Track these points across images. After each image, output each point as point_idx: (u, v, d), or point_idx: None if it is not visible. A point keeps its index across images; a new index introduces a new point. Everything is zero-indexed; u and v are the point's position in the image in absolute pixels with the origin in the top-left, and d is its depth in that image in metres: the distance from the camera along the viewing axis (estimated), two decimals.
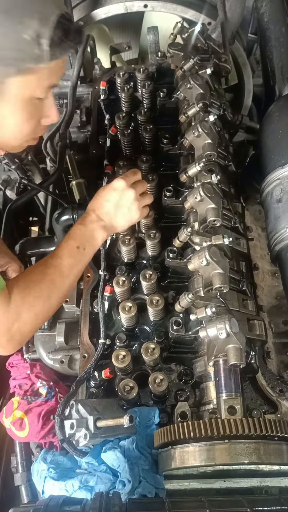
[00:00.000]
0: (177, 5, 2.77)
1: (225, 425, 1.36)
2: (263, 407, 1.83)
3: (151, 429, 1.69)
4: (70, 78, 2.48)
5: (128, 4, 2.79)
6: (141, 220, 2.09)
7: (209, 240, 1.75)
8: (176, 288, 2.00)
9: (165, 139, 2.23)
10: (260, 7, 2.71)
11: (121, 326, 1.95)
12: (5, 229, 2.33)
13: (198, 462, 1.43)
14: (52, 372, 2.00)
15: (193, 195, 1.84)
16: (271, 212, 2.12)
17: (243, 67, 2.94)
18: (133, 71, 2.47)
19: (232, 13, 2.57)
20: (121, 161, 2.24)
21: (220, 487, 1.63)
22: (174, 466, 1.49)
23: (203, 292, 1.72)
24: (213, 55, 2.35)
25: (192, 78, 2.15)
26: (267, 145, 2.29)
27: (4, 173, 2.66)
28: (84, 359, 1.87)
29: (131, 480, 1.55)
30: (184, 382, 1.85)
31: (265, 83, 2.70)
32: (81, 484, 1.60)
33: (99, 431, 1.52)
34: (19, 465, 1.94)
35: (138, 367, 1.87)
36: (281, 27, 2.64)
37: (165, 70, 2.50)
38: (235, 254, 1.92)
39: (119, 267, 2.06)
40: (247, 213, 2.39)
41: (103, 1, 2.84)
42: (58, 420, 1.57)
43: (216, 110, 2.18)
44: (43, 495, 1.66)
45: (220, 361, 1.57)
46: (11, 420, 1.85)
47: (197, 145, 2.02)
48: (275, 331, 2.19)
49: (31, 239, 2.42)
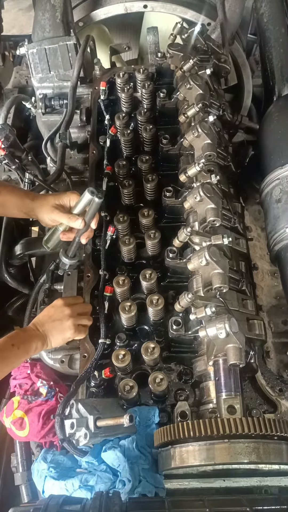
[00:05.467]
0: (177, 6, 2.78)
1: (225, 425, 1.37)
2: (263, 407, 1.84)
3: (151, 428, 1.69)
4: (70, 78, 2.48)
5: (128, 4, 2.80)
6: (141, 220, 2.10)
7: (208, 240, 1.76)
8: (176, 288, 2.00)
9: (165, 139, 2.23)
10: (259, 8, 2.71)
11: (121, 326, 1.95)
12: (5, 229, 2.33)
13: (198, 462, 1.43)
14: (52, 371, 2.00)
15: (193, 195, 1.85)
16: (270, 212, 2.13)
17: (242, 68, 2.95)
18: (133, 71, 2.48)
19: (232, 13, 2.58)
20: (121, 161, 2.25)
21: (219, 486, 1.64)
22: (174, 465, 1.49)
23: (203, 292, 1.73)
24: (212, 55, 2.35)
25: (191, 78, 2.15)
26: (267, 146, 2.29)
27: (4, 173, 2.67)
28: (84, 358, 1.87)
29: (131, 480, 1.56)
30: (184, 382, 1.85)
31: (265, 83, 2.71)
32: (81, 483, 1.60)
33: (99, 430, 1.53)
34: (19, 464, 1.94)
35: (138, 366, 1.87)
36: (281, 28, 2.64)
37: (165, 70, 2.50)
38: (234, 254, 1.93)
39: (119, 267, 2.07)
40: (246, 213, 2.40)
41: (103, 2, 2.84)
42: (58, 420, 1.58)
43: (216, 111, 2.18)
44: (43, 495, 1.66)
45: (220, 361, 1.58)
46: (11, 420, 1.85)
47: (197, 146, 2.03)
48: (274, 330, 2.19)
49: (31, 239, 2.43)
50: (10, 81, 3.24)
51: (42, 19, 2.55)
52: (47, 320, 1.82)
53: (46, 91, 2.59)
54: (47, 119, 2.59)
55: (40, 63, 2.52)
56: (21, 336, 1.74)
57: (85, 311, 1.91)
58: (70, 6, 2.65)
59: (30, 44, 2.50)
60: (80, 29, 2.86)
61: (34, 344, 1.74)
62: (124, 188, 2.17)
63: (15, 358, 1.69)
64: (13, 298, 2.40)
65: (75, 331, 1.84)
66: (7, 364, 1.66)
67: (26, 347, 1.71)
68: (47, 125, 2.61)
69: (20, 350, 1.68)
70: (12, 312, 2.40)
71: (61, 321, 1.82)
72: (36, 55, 2.50)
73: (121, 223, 2.07)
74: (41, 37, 2.53)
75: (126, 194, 2.20)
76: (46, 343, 1.79)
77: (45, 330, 1.79)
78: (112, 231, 2.05)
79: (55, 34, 2.51)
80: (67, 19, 2.56)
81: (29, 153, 2.45)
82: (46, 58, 2.51)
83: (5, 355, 1.64)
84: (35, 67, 2.53)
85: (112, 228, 2.06)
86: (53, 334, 1.80)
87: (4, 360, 1.64)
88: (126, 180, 2.18)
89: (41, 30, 2.53)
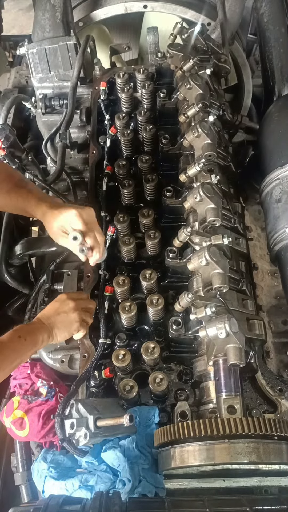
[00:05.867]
0: (177, 6, 2.78)
1: (225, 425, 1.37)
2: (263, 407, 1.84)
3: (151, 428, 1.69)
4: (70, 78, 2.48)
5: (128, 4, 2.80)
6: (141, 220, 2.10)
7: (208, 240, 1.76)
8: (176, 288, 2.00)
9: (165, 139, 2.23)
10: (259, 8, 2.72)
11: (121, 326, 1.95)
12: (5, 229, 2.33)
13: (198, 462, 1.43)
14: (52, 371, 2.00)
15: (193, 195, 1.85)
16: (270, 212, 2.13)
17: (242, 68, 2.95)
18: (133, 71, 2.48)
19: (232, 13, 2.58)
20: (121, 161, 2.25)
21: (219, 486, 1.64)
22: (174, 465, 1.49)
23: (203, 292, 1.73)
24: (212, 55, 2.35)
25: (191, 78, 2.15)
26: (267, 146, 2.29)
27: None
28: (84, 358, 1.87)
29: (131, 480, 1.56)
30: (184, 382, 1.85)
31: (265, 83, 2.71)
32: (81, 483, 1.60)
33: (99, 430, 1.53)
34: (19, 464, 1.94)
35: (138, 366, 1.87)
36: (281, 28, 2.65)
37: (165, 70, 2.50)
38: (234, 254, 1.93)
39: (119, 267, 2.07)
40: (246, 213, 2.40)
41: (103, 2, 2.84)
42: (58, 420, 1.58)
43: (216, 111, 2.19)
44: (43, 495, 1.66)
45: (220, 361, 1.58)
46: (11, 420, 1.85)
47: (197, 146, 2.03)
48: (274, 330, 2.19)
49: (31, 239, 2.43)
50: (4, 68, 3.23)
51: (42, 19, 2.55)
52: (53, 313, 1.80)
53: (46, 91, 2.59)
54: (47, 119, 2.59)
55: (40, 63, 2.52)
56: (27, 328, 1.72)
57: (89, 307, 1.91)
58: (70, 6, 2.65)
59: (30, 44, 2.50)
60: (80, 29, 2.87)
61: (41, 336, 1.72)
62: (124, 188, 2.17)
63: (24, 350, 1.66)
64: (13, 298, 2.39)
65: (80, 324, 1.83)
66: (17, 357, 1.64)
67: (33, 339, 1.68)
68: (47, 125, 2.61)
69: (28, 342, 1.66)
70: (12, 312, 2.39)
71: (67, 313, 1.81)
72: (36, 55, 2.50)
73: (121, 223, 2.07)
74: (41, 37, 2.53)
75: (126, 194, 2.20)
76: (52, 336, 1.77)
77: (51, 323, 1.77)
78: (112, 231, 2.05)
79: (55, 34, 2.51)
80: (67, 19, 2.56)
81: (29, 153, 2.45)
82: (46, 58, 2.51)
83: (14, 347, 1.62)
84: (35, 67, 2.53)
85: (112, 228, 2.05)
86: (59, 327, 1.79)
87: (13, 352, 1.61)
88: (126, 180, 2.18)
89: (41, 30, 2.54)
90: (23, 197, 1.88)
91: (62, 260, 2.16)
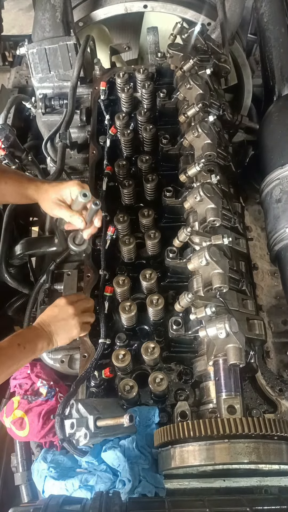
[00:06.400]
0: (177, 6, 2.78)
1: (225, 425, 1.37)
2: (263, 407, 1.84)
3: (151, 428, 1.69)
4: (70, 78, 2.48)
5: (128, 4, 2.80)
6: (141, 220, 2.10)
7: (208, 240, 1.76)
8: (176, 288, 2.00)
9: (165, 139, 2.23)
10: (259, 8, 2.72)
11: (121, 326, 1.95)
12: (5, 229, 2.33)
13: (198, 462, 1.43)
14: (52, 371, 2.00)
15: (193, 195, 1.85)
16: (270, 212, 2.13)
17: (242, 68, 2.95)
18: (133, 71, 2.48)
19: (232, 13, 2.57)
20: (121, 161, 2.25)
21: (220, 486, 1.64)
22: (174, 465, 1.49)
23: (203, 292, 1.73)
24: (212, 55, 2.36)
25: (191, 78, 2.15)
26: (267, 145, 2.29)
27: None
28: (84, 358, 1.87)
29: (131, 480, 1.56)
30: (184, 382, 1.85)
31: (265, 83, 2.71)
32: (81, 483, 1.60)
33: (99, 430, 1.53)
34: (19, 464, 1.94)
35: (138, 366, 1.87)
36: (281, 28, 2.65)
37: (165, 70, 2.50)
38: (234, 254, 1.93)
39: (119, 267, 2.07)
40: (246, 213, 2.40)
41: (103, 2, 2.84)
42: (58, 420, 1.58)
43: (216, 111, 2.19)
44: (43, 495, 1.66)
45: (220, 361, 1.58)
46: (11, 420, 1.85)
47: (197, 145, 2.03)
48: (274, 330, 2.19)
49: (31, 239, 2.43)
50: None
51: (42, 19, 2.55)
52: (52, 320, 1.81)
53: (46, 91, 2.59)
54: (47, 119, 2.59)
55: (40, 63, 2.52)
56: (27, 335, 1.74)
57: (88, 307, 1.92)
58: (70, 6, 2.65)
59: (30, 44, 2.50)
60: (80, 29, 2.87)
61: (40, 344, 1.74)
62: (124, 188, 2.17)
63: (22, 358, 1.68)
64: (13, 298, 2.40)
65: (80, 329, 1.84)
66: (14, 363, 1.65)
67: (32, 347, 1.70)
68: (47, 125, 2.61)
69: (27, 349, 1.68)
70: (12, 312, 2.39)
71: (67, 320, 1.81)
72: (36, 55, 2.50)
73: (121, 223, 2.08)
74: (41, 37, 2.53)
75: (126, 194, 2.20)
76: (52, 342, 1.78)
77: (51, 331, 1.78)
78: (112, 231, 2.05)
79: (55, 34, 2.51)
80: (67, 19, 2.56)
81: (29, 153, 2.45)
82: (46, 58, 2.51)
83: (12, 354, 1.63)
84: (35, 67, 2.53)
85: (112, 228, 2.06)
86: (59, 334, 1.80)
87: (10, 359, 1.63)
88: (126, 180, 2.18)
89: (41, 30, 2.54)
90: (13, 179, 1.92)
91: (62, 260, 2.16)
